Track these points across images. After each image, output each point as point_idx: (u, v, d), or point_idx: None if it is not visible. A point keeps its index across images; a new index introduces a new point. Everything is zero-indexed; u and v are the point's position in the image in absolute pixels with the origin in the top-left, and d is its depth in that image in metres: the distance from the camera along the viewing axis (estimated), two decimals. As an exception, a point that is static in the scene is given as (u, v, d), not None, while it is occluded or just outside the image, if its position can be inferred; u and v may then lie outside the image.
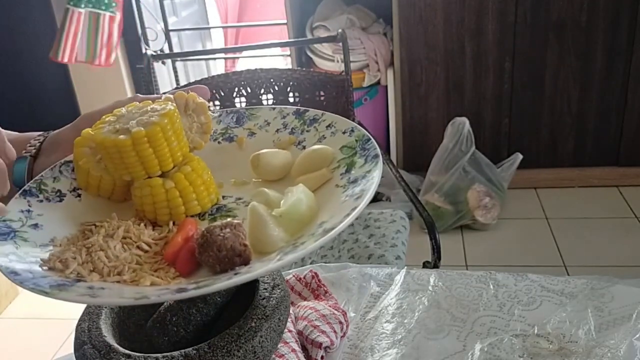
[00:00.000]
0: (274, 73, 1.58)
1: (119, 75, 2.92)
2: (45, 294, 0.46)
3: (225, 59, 3.74)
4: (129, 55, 2.92)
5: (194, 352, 0.56)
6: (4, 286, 2.27)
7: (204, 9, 3.58)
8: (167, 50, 2.83)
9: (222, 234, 0.51)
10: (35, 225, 0.55)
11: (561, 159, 2.61)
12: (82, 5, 2.46)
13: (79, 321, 0.62)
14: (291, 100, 1.59)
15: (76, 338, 0.61)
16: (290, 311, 0.76)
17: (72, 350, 0.61)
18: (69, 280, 0.48)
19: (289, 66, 2.73)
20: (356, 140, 0.62)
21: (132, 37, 2.85)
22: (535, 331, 0.73)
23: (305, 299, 0.82)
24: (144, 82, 1.63)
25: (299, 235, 0.53)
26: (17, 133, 0.68)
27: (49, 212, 0.57)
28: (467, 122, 2.32)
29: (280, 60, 3.46)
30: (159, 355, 0.57)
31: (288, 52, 2.74)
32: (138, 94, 0.67)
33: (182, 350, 0.57)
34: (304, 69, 1.71)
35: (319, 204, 0.56)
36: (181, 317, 0.61)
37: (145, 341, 0.64)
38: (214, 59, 3.57)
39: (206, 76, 1.61)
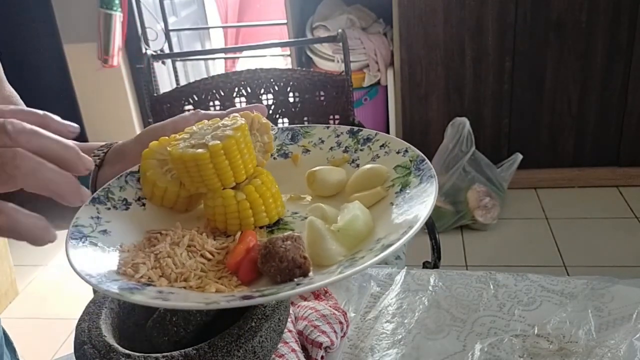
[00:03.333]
0: (274, 73, 1.58)
1: (119, 75, 2.92)
2: (120, 296, 0.48)
3: (225, 59, 3.74)
4: (129, 55, 2.93)
5: (194, 352, 0.56)
6: (4, 286, 2.27)
7: (203, 9, 3.58)
8: (167, 50, 2.83)
9: (284, 246, 0.53)
10: (104, 231, 0.58)
11: (561, 159, 2.61)
12: (114, 8, 2.56)
13: (78, 321, 0.62)
14: (291, 100, 1.59)
15: (76, 338, 0.61)
16: (290, 311, 0.76)
17: (72, 350, 0.61)
18: (139, 284, 0.51)
19: (289, 66, 2.73)
20: (410, 161, 0.63)
21: (132, 37, 2.85)
22: (535, 331, 0.73)
23: (305, 299, 0.82)
24: (144, 82, 1.63)
25: (356, 250, 0.55)
26: (79, 143, 0.69)
27: (116, 219, 0.60)
28: (467, 122, 2.32)
29: (280, 60, 3.46)
30: (159, 355, 0.57)
31: (288, 52, 2.74)
32: (199, 110, 0.69)
33: (182, 350, 0.57)
34: (304, 69, 1.71)
35: (374, 221, 0.59)
36: (181, 317, 0.61)
37: (145, 341, 0.64)
38: (214, 59, 3.57)
39: (206, 76, 1.61)
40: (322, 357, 0.72)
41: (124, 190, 0.64)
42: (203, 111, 0.69)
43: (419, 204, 0.56)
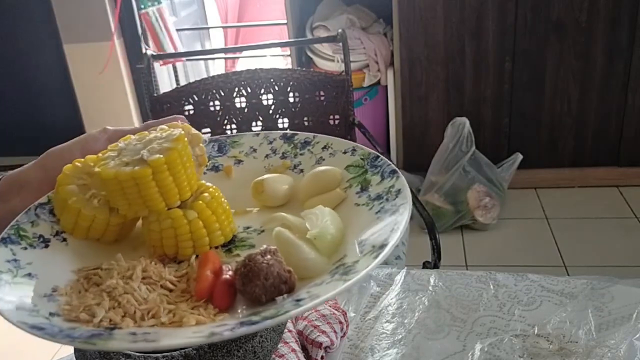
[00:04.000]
0: (274, 73, 1.58)
1: (119, 75, 2.92)
2: (92, 345, 0.43)
3: (225, 59, 3.74)
4: (129, 55, 2.92)
5: (194, 352, 0.56)
6: (4, 286, 2.27)
7: (203, 9, 3.58)
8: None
9: (265, 261, 0.48)
10: (30, 275, 0.50)
11: (561, 159, 2.61)
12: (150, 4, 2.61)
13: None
14: (291, 100, 1.59)
15: (76, 338, 0.60)
16: (290, 311, 0.76)
17: (72, 351, 0.61)
18: (102, 330, 0.44)
19: (289, 66, 2.73)
20: (362, 159, 0.61)
21: (132, 37, 2.85)
22: (535, 331, 0.73)
23: (305, 299, 0.82)
24: (144, 82, 1.63)
25: (337, 256, 0.51)
26: None
27: (37, 259, 0.52)
28: (467, 122, 2.32)
29: (280, 60, 3.46)
30: (159, 355, 0.57)
31: (288, 52, 2.74)
32: (107, 127, 0.62)
33: (182, 350, 0.57)
34: (304, 69, 1.71)
35: (344, 221, 0.55)
36: (181, 317, 0.61)
37: (145, 341, 0.63)
38: (214, 59, 3.57)
39: (206, 76, 1.61)
40: (322, 357, 0.72)
41: (36, 225, 0.56)
42: (112, 128, 0.62)
43: (395, 199, 0.53)
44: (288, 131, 0.68)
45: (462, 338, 0.73)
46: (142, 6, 2.61)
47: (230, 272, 0.51)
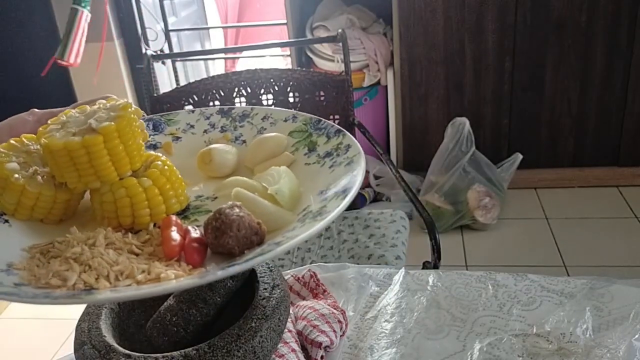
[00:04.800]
0: (274, 73, 1.58)
1: (119, 75, 2.92)
2: (79, 299, 0.41)
3: (225, 59, 3.74)
4: (129, 55, 2.92)
5: (194, 352, 0.56)
6: (4, 286, 2.27)
7: (203, 9, 3.58)
8: (167, 50, 2.83)
9: (236, 214, 0.48)
10: None
11: (561, 159, 2.61)
12: (84, 5, 2.48)
13: (78, 321, 0.62)
14: (291, 100, 1.59)
15: (76, 338, 0.61)
16: (290, 311, 0.76)
17: (72, 350, 0.61)
18: (78, 292, 0.43)
19: (289, 66, 2.73)
20: (304, 124, 0.62)
21: (132, 37, 2.85)
22: (535, 331, 0.73)
23: (304, 299, 0.82)
24: (144, 82, 1.63)
25: (300, 208, 0.52)
26: None
27: None
28: (467, 122, 2.32)
29: (280, 60, 3.46)
30: (159, 355, 0.57)
31: (288, 52, 2.74)
32: (34, 109, 0.60)
33: (182, 350, 0.57)
34: (304, 69, 1.71)
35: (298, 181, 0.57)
36: (181, 317, 0.61)
37: (145, 341, 0.64)
38: (214, 59, 3.57)
39: (206, 76, 1.61)
40: (321, 356, 0.72)
41: None
42: (39, 110, 0.60)
43: (347, 152, 0.55)
44: (224, 107, 0.69)
45: (462, 338, 0.73)
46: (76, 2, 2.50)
47: (197, 231, 0.51)
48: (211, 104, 1.59)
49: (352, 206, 1.67)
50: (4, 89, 3.15)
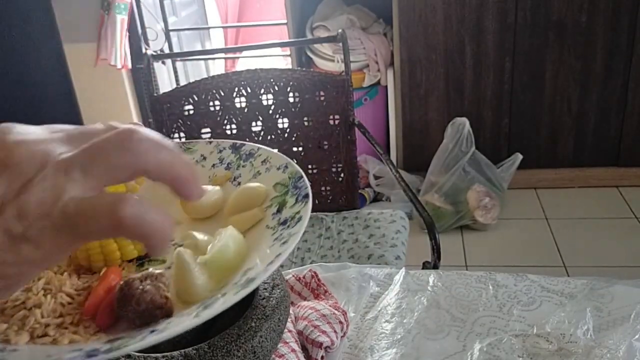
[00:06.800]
0: (274, 73, 1.58)
1: (119, 75, 2.92)
2: None
3: (225, 59, 3.74)
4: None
5: (194, 352, 0.56)
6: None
7: (203, 9, 3.58)
8: (167, 50, 2.83)
9: (141, 287, 0.48)
10: None
11: (561, 159, 2.61)
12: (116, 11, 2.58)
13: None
14: (291, 100, 1.59)
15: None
16: (290, 311, 0.76)
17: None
18: None
19: (289, 66, 2.73)
20: (289, 177, 0.58)
21: (132, 37, 2.85)
22: (535, 331, 0.73)
23: (305, 299, 0.82)
24: (144, 82, 1.63)
25: (224, 283, 0.49)
26: None
27: None
28: (467, 123, 2.32)
29: (280, 60, 3.46)
30: (158, 355, 0.57)
31: (288, 52, 2.74)
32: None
33: (182, 350, 0.57)
34: (304, 69, 1.71)
35: (249, 247, 0.52)
36: (181, 317, 0.61)
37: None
38: (214, 59, 3.57)
39: (206, 76, 1.61)
40: (322, 357, 0.72)
41: None
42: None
43: (291, 229, 0.50)
44: (238, 141, 0.66)
45: (462, 338, 0.73)
46: (106, 11, 2.58)
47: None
48: (211, 104, 1.59)
49: (352, 206, 1.67)
50: (3, 89, 3.15)
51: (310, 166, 1.65)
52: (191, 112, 1.59)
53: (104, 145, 0.31)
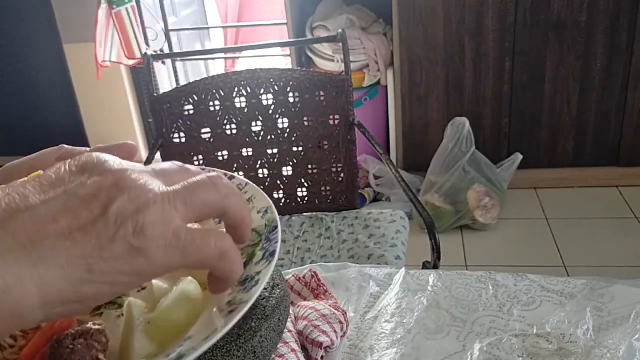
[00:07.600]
0: (274, 73, 1.58)
1: (119, 75, 2.92)
2: None
3: (225, 59, 3.74)
4: (129, 55, 2.92)
5: (194, 352, 0.56)
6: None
7: (203, 9, 3.58)
8: (167, 50, 2.83)
9: (72, 346, 0.44)
10: None
11: (561, 159, 2.61)
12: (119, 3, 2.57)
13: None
14: (291, 100, 1.59)
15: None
16: (290, 311, 0.76)
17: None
18: None
19: (289, 66, 2.73)
20: (265, 225, 0.53)
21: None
22: (535, 331, 0.73)
23: (305, 299, 0.82)
24: (144, 82, 1.63)
25: (162, 349, 0.45)
26: None
27: None
28: (467, 122, 2.32)
29: (280, 60, 3.46)
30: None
31: (288, 52, 2.74)
32: (64, 145, 0.60)
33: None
34: (304, 69, 1.71)
35: (204, 305, 0.47)
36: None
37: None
38: (214, 59, 3.57)
39: (206, 76, 1.61)
40: (322, 357, 0.72)
41: None
42: (67, 146, 0.57)
43: (249, 291, 0.44)
44: (229, 173, 0.59)
45: (462, 338, 0.73)
46: (114, 6, 2.57)
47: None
48: (211, 104, 1.59)
49: (352, 206, 1.67)
50: (4, 89, 3.15)
51: (310, 166, 1.65)
52: (191, 112, 1.59)
53: (201, 184, 0.36)
